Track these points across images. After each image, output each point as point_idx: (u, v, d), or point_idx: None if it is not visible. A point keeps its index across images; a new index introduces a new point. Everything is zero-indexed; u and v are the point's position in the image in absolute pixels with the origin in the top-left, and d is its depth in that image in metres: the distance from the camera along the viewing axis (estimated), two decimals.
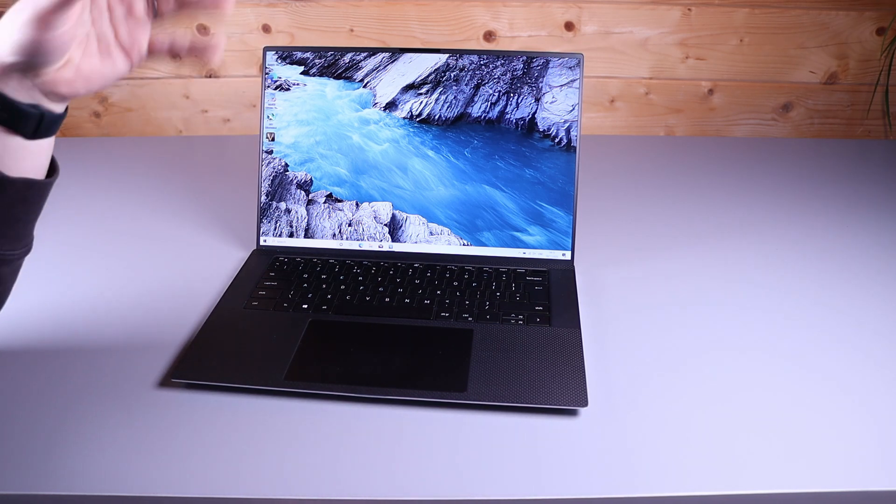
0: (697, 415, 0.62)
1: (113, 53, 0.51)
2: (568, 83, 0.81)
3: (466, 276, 0.79)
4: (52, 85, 0.48)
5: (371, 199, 0.84)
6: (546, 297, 0.75)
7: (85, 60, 0.49)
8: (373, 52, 0.84)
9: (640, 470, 0.57)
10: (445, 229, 0.83)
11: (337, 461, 0.58)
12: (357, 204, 0.84)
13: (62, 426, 0.61)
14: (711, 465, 0.57)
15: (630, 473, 0.56)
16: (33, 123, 0.49)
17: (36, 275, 0.82)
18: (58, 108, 0.51)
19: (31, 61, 0.46)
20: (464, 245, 0.82)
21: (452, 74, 0.83)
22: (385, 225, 0.83)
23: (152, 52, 0.53)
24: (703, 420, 0.62)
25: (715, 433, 0.60)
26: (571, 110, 0.81)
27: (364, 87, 0.84)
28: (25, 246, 0.55)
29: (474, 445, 0.59)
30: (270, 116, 0.85)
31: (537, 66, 0.81)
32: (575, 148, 0.81)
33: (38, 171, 0.52)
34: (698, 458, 0.58)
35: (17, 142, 0.49)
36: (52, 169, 0.54)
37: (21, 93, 0.48)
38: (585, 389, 0.63)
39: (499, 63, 0.82)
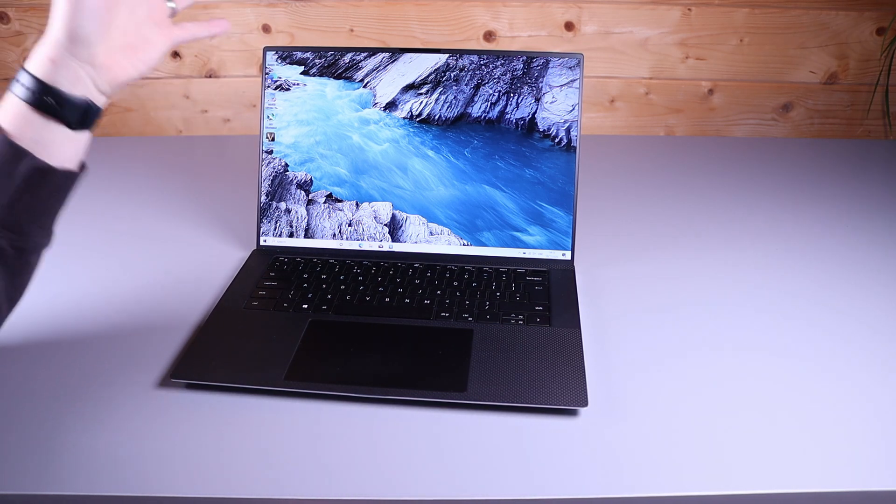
0: (697, 415, 0.62)
1: (147, 41, 0.57)
2: (568, 83, 0.81)
3: (466, 276, 0.79)
4: (105, 69, 0.55)
5: (371, 199, 0.84)
6: (546, 297, 0.75)
7: (127, 49, 0.56)
8: (373, 52, 0.84)
9: (640, 470, 0.57)
10: (445, 229, 0.83)
11: (337, 461, 0.58)
12: (357, 204, 0.84)
13: (62, 426, 0.61)
14: (711, 465, 0.57)
15: (630, 473, 0.56)
16: (79, 113, 0.54)
17: (36, 274, 0.82)
18: (100, 101, 0.56)
19: (76, 29, 0.52)
20: (464, 245, 0.82)
21: (452, 74, 0.83)
22: (385, 225, 0.83)
23: (179, 38, 0.60)
24: (703, 420, 0.62)
25: (715, 433, 0.60)
26: (571, 110, 0.81)
27: (364, 87, 0.84)
28: (49, 238, 0.59)
29: (474, 445, 0.59)
30: (270, 116, 0.85)
31: (537, 66, 0.81)
32: (575, 148, 0.81)
33: (75, 164, 0.56)
34: (698, 458, 0.58)
35: (62, 132, 0.54)
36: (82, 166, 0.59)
37: (73, 84, 0.53)
38: (585, 389, 0.63)
39: (499, 63, 0.82)
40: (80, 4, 0.52)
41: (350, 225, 0.84)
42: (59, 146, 0.54)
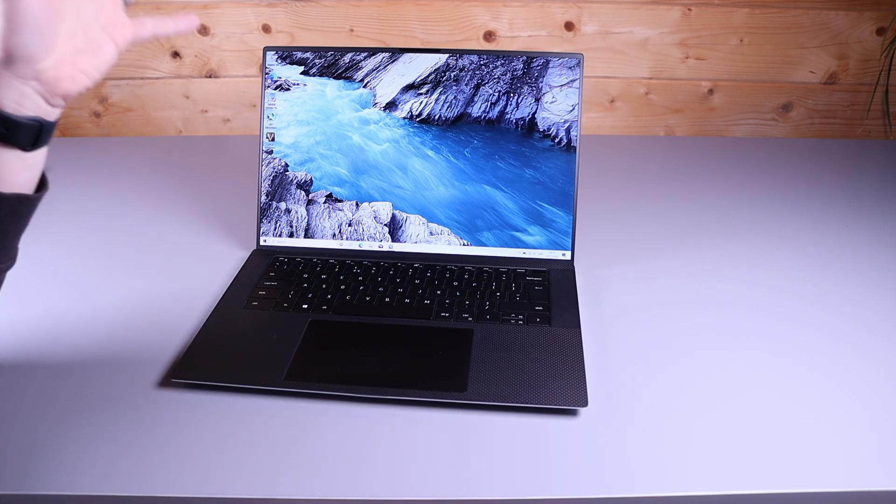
0: (697, 415, 0.62)
1: (99, 43, 0.51)
2: (568, 83, 0.81)
3: (466, 276, 0.79)
4: (54, 83, 0.49)
5: (371, 199, 0.84)
6: (546, 297, 0.75)
7: (77, 56, 0.50)
8: (373, 52, 0.84)
9: (640, 470, 0.57)
10: (445, 229, 0.83)
11: (337, 461, 0.58)
12: (357, 204, 0.84)
13: (62, 426, 0.61)
14: (711, 465, 0.57)
15: (630, 473, 0.56)
16: (32, 135, 0.49)
17: (36, 275, 0.82)
18: (53, 115, 0.51)
19: (15, 49, 0.46)
20: (464, 245, 0.82)
21: (452, 74, 0.83)
22: (385, 225, 0.83)
23: (137, 35, 0.54)
24: (702, 420, 0.62)
25: (715, 433, 0.60)
26: (571, 110, 0.81)
27: (364, 87, 0.84)
28: (10, 259, 0.55)
29: (474, 445, 0.59)
30: (270, 116, 0.85)
31: (537, 66, 0.81)
32: (575, 148, 0.81)
33: (30, 185, 0.52)
34: (698, 458, 0.58)
35: (15, 155, 0.49)
36: (43, 182, 0.55)
37: (20, 104, 0.48)
38: (585, 389, 0.63)
39: (499, 63, 0.82)
40: (16, 22, 0.45)
41: (350, 225, 0.84)
42: (13, 171, 0.50)
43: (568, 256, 0.81)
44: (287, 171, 0.84)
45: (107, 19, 0.51)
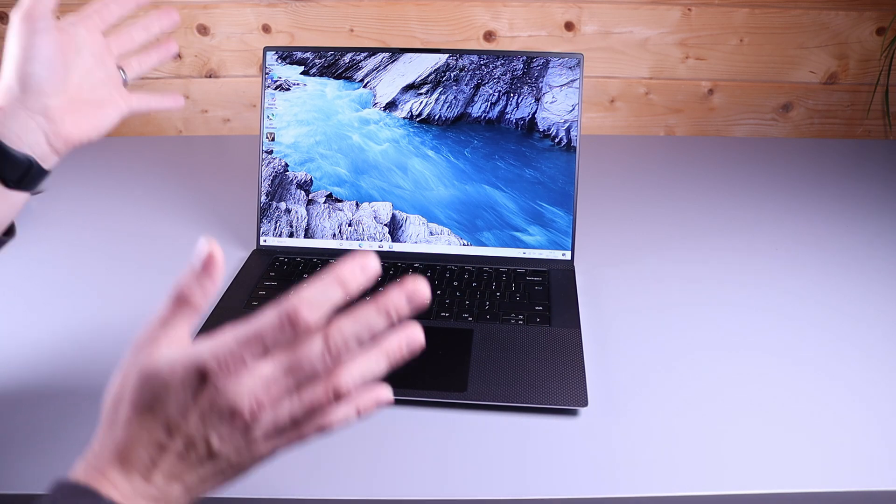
0: (698, 414, 0.62)
1: (106, 101, 0.55)
2: (568, 83, 0.81)
3: (466, 276, 0.79)
4: (59, 122, 0.51)
5: (371, 199, 0.84)
6: (546, 297, 0.75)
7: (83, 105, 0.53)
8: (373, 52, 0.84)
9: (640, 470, 0.57)
10: (445, 229, 0.83)
11: (337, 461, 0.58)
12: (357, 204, 0.84)
13: (63, 426, 0.61)
14: (712, 465, 0.57)
15: (630, 473, 0.56)
16: (20, 171, 0.50)
17: (36, 275, 0.82)
18: (48, 161, 0.52)
19: (28, 76, 0.49)
20: (464, 245, 0.82)
21: (452, 74, 0.83)
22: (385, 225, 0.83)
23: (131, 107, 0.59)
24: (703, 420, 0.62)
25: (715, 433, 0.60)
26: (571, 110, 0.81)
27: (364, 87, 0.84)
28: None
29: (474, 445, 0.59)
30: (270, 116, 0.85)
31: (537, 66, 0.81)
32: (575, 148, 0.81)
33: (0, 225, 0.52)
34: (698, 458, 0.58)
35: None
36: (10, 229, 0.55)
37: (20, 137, 0.50)
38: (585, 389, 0.63)
39: (499, 63, 0.82)
40: (32, 51, 0.49)
41: (350, 225, 0.84)
42: None
43: (568, 256, 0.81)
44: (287, 171, 0.84)
45: (113, 85, 0.56)
